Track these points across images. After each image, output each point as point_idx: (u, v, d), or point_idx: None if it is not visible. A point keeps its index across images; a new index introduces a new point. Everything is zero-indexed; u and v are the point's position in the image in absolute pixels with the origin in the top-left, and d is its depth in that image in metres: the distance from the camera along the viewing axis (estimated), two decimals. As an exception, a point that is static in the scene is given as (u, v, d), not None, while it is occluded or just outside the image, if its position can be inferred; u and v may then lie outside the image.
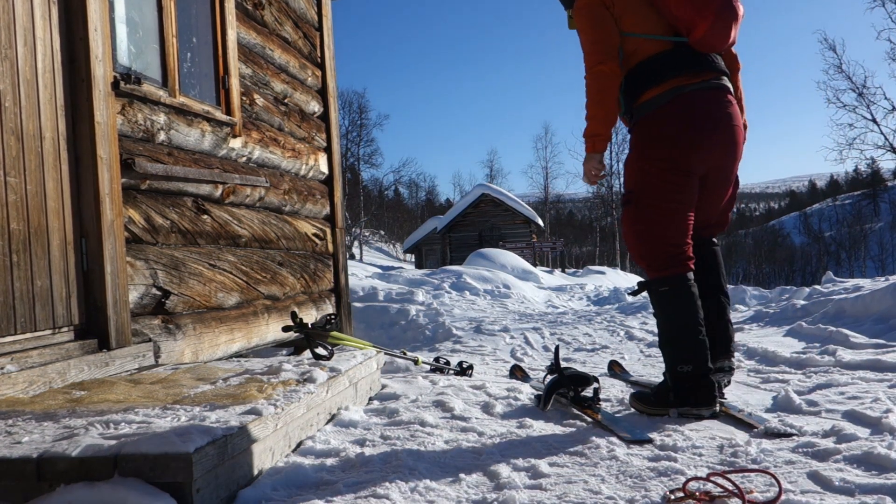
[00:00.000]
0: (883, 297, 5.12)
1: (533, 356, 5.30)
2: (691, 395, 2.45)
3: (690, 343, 2.45)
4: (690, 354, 2.44)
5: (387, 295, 9.19)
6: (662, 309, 2.55)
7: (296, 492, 1.75)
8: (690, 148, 2.47)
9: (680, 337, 2.48)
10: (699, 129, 2.46)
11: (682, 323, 2.47)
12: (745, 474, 1.80)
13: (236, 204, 3.91)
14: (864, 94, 22.70)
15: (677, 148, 2.47)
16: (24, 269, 2.46)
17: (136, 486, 1.47)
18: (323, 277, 5.00)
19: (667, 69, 2.50)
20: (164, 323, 3.13)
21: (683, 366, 2.45)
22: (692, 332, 2.46)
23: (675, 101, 2.47)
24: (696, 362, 2.43)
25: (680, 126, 2.46)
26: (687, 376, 2.44)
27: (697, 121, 2.46)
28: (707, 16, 2.38)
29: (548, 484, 1.78)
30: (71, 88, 2.74)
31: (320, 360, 2.77)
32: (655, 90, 2.50)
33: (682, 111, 2.47)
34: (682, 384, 2.46)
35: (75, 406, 2.00)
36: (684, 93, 2.47)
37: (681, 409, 2.47)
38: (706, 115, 2.47)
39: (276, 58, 4.51)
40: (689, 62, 2.50)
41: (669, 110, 2.48)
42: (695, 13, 2.40)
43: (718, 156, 2.54)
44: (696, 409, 2.45)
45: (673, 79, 2.48)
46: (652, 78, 2.50)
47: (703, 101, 2.48)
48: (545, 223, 43.71)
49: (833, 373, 3.37)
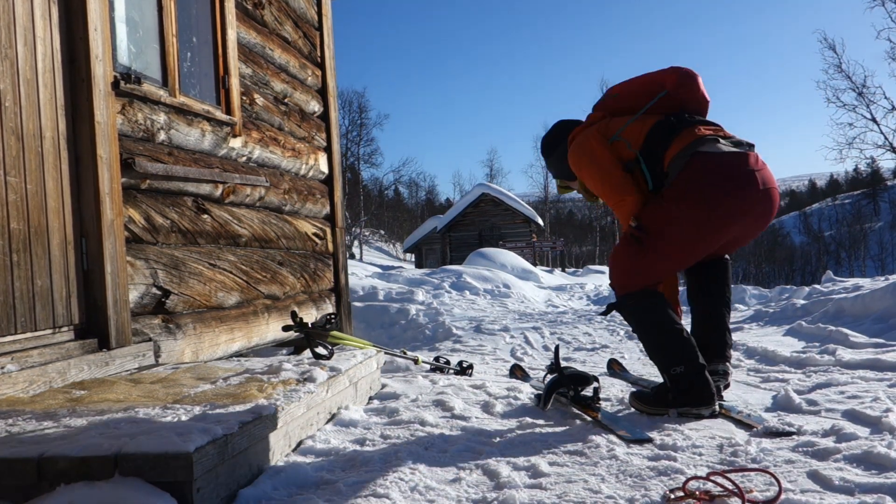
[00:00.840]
0: (883, 296, 5.12)
1: (533, 355, 5.30)
2: (689, 394, 2.46)
3: (676, 344, 2.48)
4: (679, 355, 2.47)
5: (387, 294, 9.19)
6: (639, 321, 2.60)
7: (296, 491, 1.75)
8: (728, 218, 2.46)
9: (664, 341, 2.51)
10: (740, 202, 2.44)
11: (662, 328, 2.51)
12: (745, 474, 1.80)
13: (236, 203, 3.91)
14: (864, 94, 22.70)
15: (715, 215, 2.44)
16: (24, 269, 2.46)
17: (136, 486, 1.47)
18: (323, 277, 5.00)
19: (676, 122, 2.56)
20: (165, 322, 3.13)
21: (675, 368, 2.47)
22: (674, 334, 2.49)
23: (707, 158, 2.45)
24: (687, 361, 2.46)
25: (720, 193, 2.43)
26: (682, 377, 2.46)
27: (740, 188, 2.43)
28: (669, 71, 2.67)
29: (548, 483, 1.78)
30: (71, 88, 2.74)
31: (320, 360, 2.78)
32: (677, 144, 2.51)
33: (720, 175, 2.43)
34: (680, 386, 2.47)
35: (75, 405, 2.01)
36: (715, 153, 2.45)
37: (680, 408, 2.48)
38: (748, 183, 2.44)
39: (276, 57, 4.51)
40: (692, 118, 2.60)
41: (703, 170, 2.44)
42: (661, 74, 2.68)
43: (752, 222, 2.54)
44: (696, 408, 2.46)
45: (689, 126, 2.53)
46: (667, 134, 2.54)
47: (741, 165, 2.46)
48: (545, 223, 43.71)
49: (833, 372, 3.37)
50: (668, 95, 2.64)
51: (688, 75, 2.64)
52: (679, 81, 2.63)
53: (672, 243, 2.51)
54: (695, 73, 2.65)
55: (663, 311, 2.54)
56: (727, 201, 2.43)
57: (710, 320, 2.69)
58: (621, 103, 2.74)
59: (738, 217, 2.48)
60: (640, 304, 2.57)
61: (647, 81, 2.70)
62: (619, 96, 2.75)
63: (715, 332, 2.69)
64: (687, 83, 2.63)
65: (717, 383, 2.65)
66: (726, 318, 2.75)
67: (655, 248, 2.52)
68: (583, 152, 2.69)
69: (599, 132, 2.68)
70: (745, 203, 2.46)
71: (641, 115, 2.65)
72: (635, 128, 2.62)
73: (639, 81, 2.73)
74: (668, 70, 2.68)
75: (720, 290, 2.74)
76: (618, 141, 2.62)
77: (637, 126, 2.62)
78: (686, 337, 2.50)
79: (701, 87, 2.66)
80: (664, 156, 2.53)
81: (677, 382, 2.48)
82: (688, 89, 2.64)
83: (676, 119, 2.59)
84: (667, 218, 2.49)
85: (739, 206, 2.45)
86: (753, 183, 2.45)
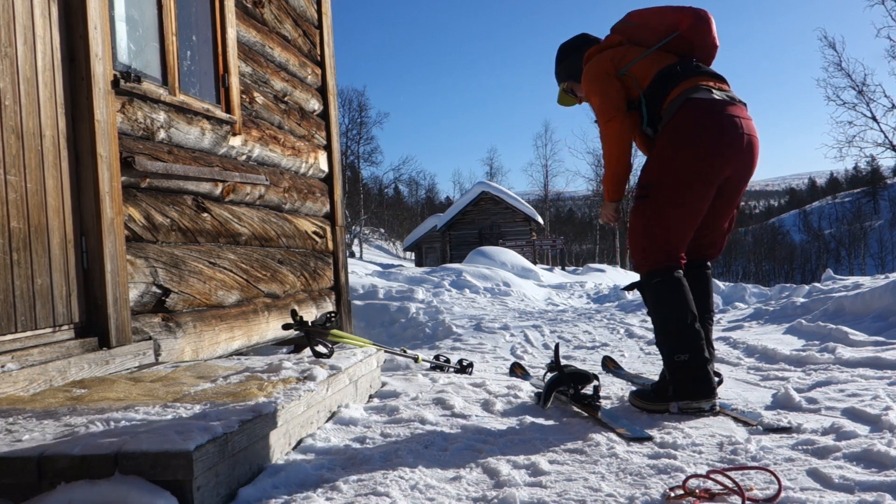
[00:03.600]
0: (882, 294, 5.12)
1: (533, 354, 5.30)
2: (690, 386, 2.47)
3: (686, 332, 2.50)
4: (687, 343, 2.49)
5: (387, 293, 9.19)
6: (657, 301, 2.61)
7: (296, 490, 1.75)
8: (716, 153, 2.52)
9: (676, 327, 2.53)
10: (724, 137, 2.52)
11: (677, 313, 2.53)
12: (745, 472, 1.80)
13: (236, 202, 3.91)
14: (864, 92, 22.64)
15: (703, 150, 2.52)
16: (24, 268, 2.46)
17: (136, 484, 1.47)
18: (323, 275, 5.00)
19: (681, 72, 2.62)
20: (165, 321, 3.13)
21: (680, 355, 2.49)
22: (687, 322, 2.51)
23: (698, 102, 2.54)
24: (693, 351, 2.47)
25: (707, 131, 2.52)
26: (685, 366, 2.48)
27: (724, 128, 2.52)
28: (687, 12, 2.72)
29: (548, 481, 1.78)
30: (71, 86, 2.74)
31: (320, 358, 2.78)
32: (676, 90, 2.58)
33: (707, 115, 2.52)
34: (681, 375, 2.49)
35: (76, 404, 2.01)
36: (706, 98, 2.54)
37: (681, 402, 2.48)
38: (732, 125, 2.53)
39: (276, 56, 4.50)
40: (698, 68, 2.66)
41: (695, 112, 2.53)
42: (678, 13, 2.73)
43: (738, 166, 2.59)
44: (696, 401, 2.47)
45: (692, 76, 2.60)
46: (670, 81, 2.60)
47: (727, 109, 2.54)
48: (545, 221, 43.69)
49: (833, 370, 3.37)
50: (680, 36, 2.70)
51: (703, 19, 2.69)
52: (693, 24, 2.68)
53: (674, 186, 2.55)
54: (709, 17, 2.71)
55: (680, 297, 2.55)
56: (713, 140, 2.51)
57: None
58: (637, 33, 2.79)
59: (725, 158, 2.53)
60: (661, 285, 2.59)
61: (664, 18, 2.74)
62: (636, 25, 2.80)
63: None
64: (701, 27, 2.69)
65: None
66: (710, 331, 2.77)
67: (661, 197, 2.57)
68: (593, 73, 2.74)
69: (613, 60, 2.73)
70: (729, 146, 2.52)
71: (652, 52, 2.71)
72: (644, 66, 2.68)
73: (657, 13, 2.78)
74: (686, 10, 2.73)
75: (703, 304, 2.76)
76: (626, 75, 2.69)
77: (646, 65, 2.68)
78: (697, 328, 2.51)
79: (713, 32, 2.72)
80: (664, 101, 2.61)
81: (680, 372, 2.49)
82: (700, 34, 2.70)
83: (682, 68, 2.65)
84: (664, 162, 2.58)
85: (724, 148, 2.52)
86: (735, 126, 2.53)
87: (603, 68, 2.72)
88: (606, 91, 2.68)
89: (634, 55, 2.71)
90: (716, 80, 2.64)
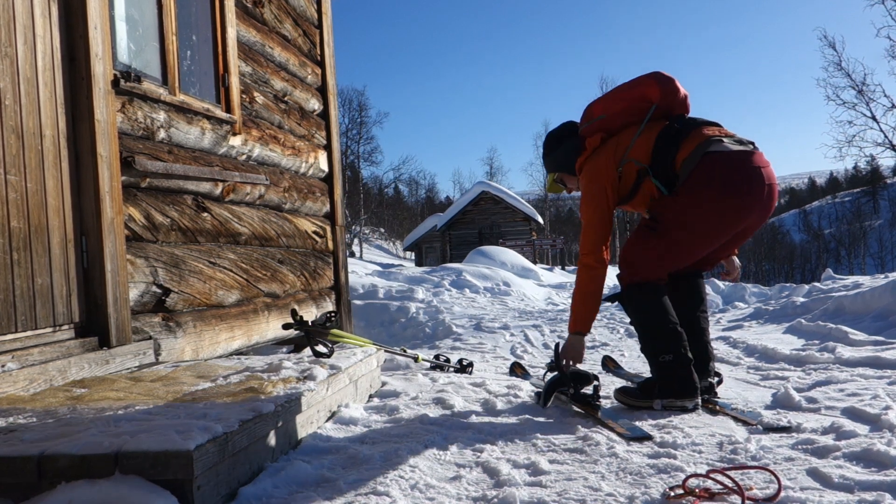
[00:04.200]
0: (882, 294, 5.12)
1: (533, 353, 5.30)
2: (675, 385, 2.54)
3: (668, 334, 2.58)
4: (670, 344, 2.57)
5: (387, 292, 9.19)
6: (638, 308, 2.69)
7: (296, 489, 1.75)
8: (739, 209, 2.54)
9: (658, 330, 2.61)
10: (750, 193, 2.52)
11: (658, 316, 2.61)
12: (745, 471, 1.80)
13: (236, 202, 3.91)
14: (864, 92, 22.58)
15: (725, 208, 2.53)
16: (24, 267, 2.46)
17: (136, 484, 1.47)
18: (323, 275, 5.00)
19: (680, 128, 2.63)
20: (165, 321, 3.13)
21: (665, 355, 2.57)
22: (668, 325, 2.60)
23: (717, 157, 2.53)
24: (676, 351, 2.55)
25: (731, 189, 2.51)
26: (669, 365, 2.55)
27: (749, 183, 2.52)
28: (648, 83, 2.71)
29: (548, 481, 1.78)
30: (71, 86, 2.74)
31: (320, 358, 2.78)
32: (688, 147, 2.58)
33: (731, 171, 2.51)
34: (666, 375, 2.56)
35: (76, 404, 2.01)
36: (724, 151, 2.54)
37: (665, 400, 2.56)
38: (757, 178, 2.53)
39: (276, 55, 4.50)
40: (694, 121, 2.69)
41: (717, 168, 2.52)
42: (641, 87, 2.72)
43: (757, 215, 2.61)
44: (680, 400, 2.54)
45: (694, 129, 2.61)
46: (674, 140, 2.61)
47: (749, 162, 2.54)
48: (545, 221, 43.71)
49: (832, 370, 3.37)
50: (657, 108, 2.71)
51: (669, 82, 2.70)
52: (663, 91, 2.69)
53: (688, 231, 2.58)
54: (672, 77, 2.72)
55: (662, 303, 2.64)
56: (738, 195, 2.51)
57: (689, 334, 2.71)
58: (612, 122, 2.76)
59: (748, 210, 2.55)
60: (642, 293, 2.66)
61: (631, 98, 2.73)
62: (606, 117, 2.76)
63: (695, 346, 2.71)
64: (669, 89, 2.70)
65: (703, 396, 2.68)
66: (706, 331, 2.81)
67: (668, 236, 2.60)
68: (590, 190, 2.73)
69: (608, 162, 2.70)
70: (753, 197, 2.53)
71: (643, 131, 2.69)
72: (641, 144, 2.68)
73: (620, 98, 2.75)
74: (647, 81, 2.72)
75: (697, 303, 2.81)
76: (628, 163, 2.68)
77: (643, 141, 2.68)
78: (679, 331, 2.60)
79: (681, 89, 2.74)
80: (675, 159, 2.60)
81: (664, 371, 2.57)
82: (672, 94, 2.71)
83: (680, 125, 2.66)
84: (682, 209, 2.57)
85: (749, 200, 2.53)
86: (760, 179, 2.54)
87: (601, 186, 2.69)
88: (595, 221, 2.69)
89: (627, 140, 2.69)
90: (717, 128, 2.65)
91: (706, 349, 2.75)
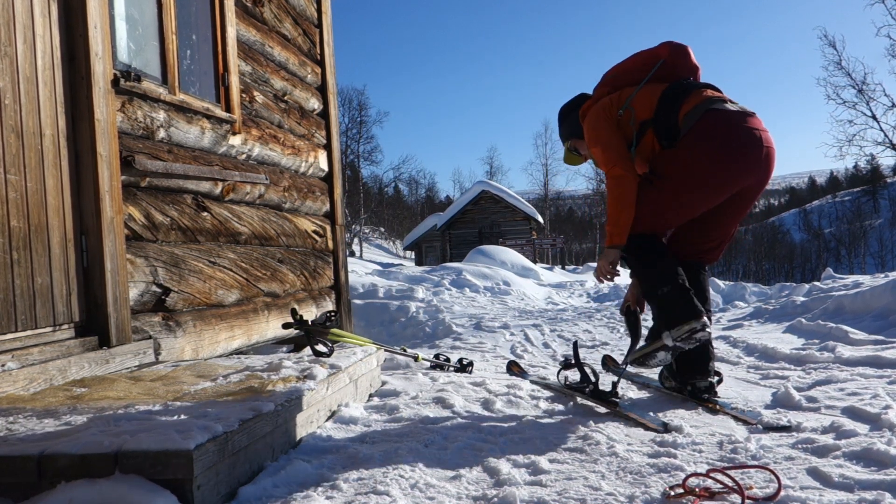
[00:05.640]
0: (882, 293, 5.12)
1: (533, 353, 5.30)
2: (677, 312, 2.53)
3: (665, 270, 2.61)
4: (667, 278, 2.59)
5: (387, 292, 9.20)
6: (637, 256, 2.72)
7: (296, 488, 1.75)
8: (737, 166, 2.56)
9: (652, 270, 2.65)
10: (747, 150, 2.54)
11: (654, 259, 2.66)
12: (745, 470, 1.80)
13: (236, 201, 3.91)
14: (864, 91, 22.57)
15: (723, 163, 2.55)
16: (24, 267, 2.46)
17: (136, 483, 1.47)
18: (323, 274, 5.00)
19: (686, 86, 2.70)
20: (165, 320, 3.13)
21: (663, 288, 2.58)
22: (666, 263, 2.63)
23: (718, 114, 2.57)
24: (673, 282, 2.57)
25: (730, 144, 2.54)
26: (668, 295, 2.57)
27: (746, 141, 2.55)
28: (662, 44, 2.84)
29: (548, 480, 1.78)
30: (71, 86, 2.74)
31: (320, 357, 2.78)
32: (690, 102, 2.63)
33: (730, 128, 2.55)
34: (666, 304, 2.57)
35: (76, 403, 2.01)
36: (725, 109, 2.58)
37: (672, 330, 2.50)
38: (753, 138, 2.55)
39: (276, 55, 4.50)
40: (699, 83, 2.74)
41: (717, 124, 2.56)
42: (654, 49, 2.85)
43: (756, 178, 2.62)
44: (687, 323, 2.48)
45: (698, 89, 2.67)
46: (679, 96, 2.66)
47: (747, 122, 2.57)
48: (545, 220, 43.69)
49: (832, 369, 3.37)
50: (664, 64, 2.78)
51: (680, 46, 2.81)
52: (673, 51, 2.79)
53: (684, 184, 2.61)
54: (685, 45, 2.82)
55: (658, 247, 2.70)
56: (736, 152, 2.54)
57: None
58: (622, 78, 2.85)
59: (745, 170, 2.57)
60: (639, 243, 2.70)
61: (642, 57, 2.84)
62: (617, 75, 2.87)
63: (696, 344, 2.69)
64: (680, 50, 2.80)
65: (704, 395, 2.67)
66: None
67: (667, 189, 2.63)
68: (592, 121, 2.81)
69: (611, 104, 2.78)
70: (750, 156, 2.55)
71: (647, 83, 2.77)
72: (644, 95, 2.73)
73: (633, 59, 2.88)
74: (660, 45, 2.85)
75: (702, 302, 2.78)
76: (627, 110, 2.73)
77: (646, 93, 2.74)
78: (674, 267, 2.63)
79: (692, 55, 2.82)
80: (679, 112, 2.64)
81: (664, 302, 2.57)
82: (681, 55, 2.80)
83: (686, 83, 2.72)
84: (681, 162, 2.61)
85: (745, 159, 2.55)
86: (758, 140, 2.56)
87: (601, 115, 2.78)
88: (608, 140, 2.73)
89: (630, 92, 2.78)
90: (720, 94, 2.69)
91: (706, 349, 2.74)
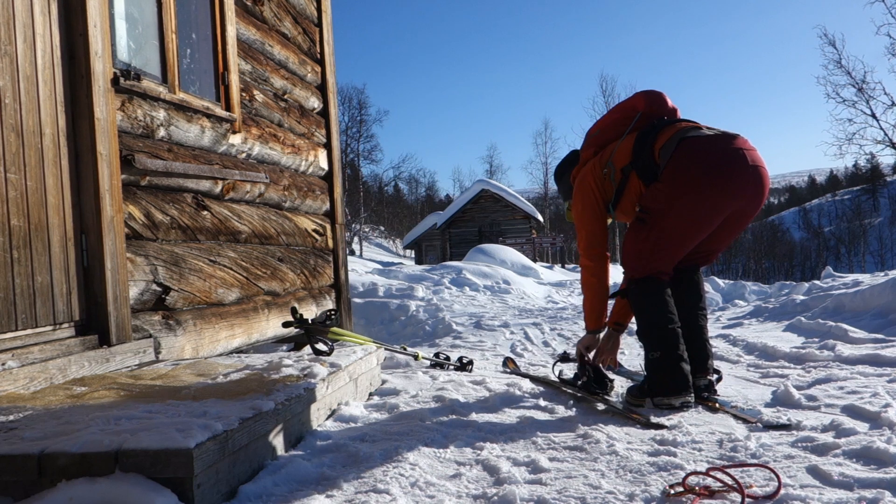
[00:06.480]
0: (882, 292, 5.13)
1: (533, 351, 5.30)
2: (664, 383, 2.55)
3: (661, 332, 2.60)
4: (660, 342, 2.58)
5: (387, 291, 9.20)
6: (637, 305, 2.72)
7: (296, 487, 1.75)
8: (722, 192, 2.53)
9: (652, 328, 2.63)
10: (732, 175, 2.52)
11: (654, 314, 2.63)
12: (745, 469, 1.80)
13: (236, 200, 3.91)
14: (864, 90, 22.59)
15: (708, 191, 2.53)
16: (24, 266, 2.46)
17: (136, 482, 1.47)
18: (323, 273, 5.00)
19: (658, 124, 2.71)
20: (165, 319, 3.13)
21: (654, 353, 2.59)
22: (662, 322, 2.60)
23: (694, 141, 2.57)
24: (665, 349, 2.56)
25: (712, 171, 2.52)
26: (657, 362, 2.57)
27: (730, 166, 2.53)
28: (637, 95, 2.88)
29: (548, 479, 1.78)
30: (70, 84, 2.74)
31: (320, 356, 2.78)
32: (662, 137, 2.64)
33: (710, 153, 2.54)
34: (654, 371, 2.59)
35: (76, 402, 2.01)
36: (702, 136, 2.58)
37: (654, 398, 2.58)
38: (738, 159, 2.53)
39: (276, 54, 4.50)
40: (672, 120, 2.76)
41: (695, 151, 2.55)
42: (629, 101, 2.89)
43: (747, 199, 2.60)
44: (667, 398, 2.54)
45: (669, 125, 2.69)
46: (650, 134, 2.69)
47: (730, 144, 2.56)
48: (545, 219, 43.71)
49: (832, 368, 3.37)
50: (643, 115, 2.80)
51: (654, 93, 2.85)
52: (648, 100, 2.82)
53: (675, 221, 2.60)
54: (660, 92, 2.86)
55: (660, 300, 2.64)
56: (718, 175, 2.52)
57: (687, 332, 2.72)
58: (603, 136, 2.89)
59: (732, 191, 2.54)
60: (640, 289, 2.68)
61: (620, 109, 2.90)
62: (599, 132, 2.91)
63: (694, 343, 2.72)
64: (655, 99, 2.83)
65: (703, 393, 2.68)
66: (705, 329, 2.81)
67: (659, 225, 2.62)
68: (578, 192, 2.88)
69: (594, 166, 2.84)
70: (735, 176, 2.52)
71: (626, 136, 2.80)
72: (623, 146, 2.77)
73: (611, 114, 2.93)
74: (635, 95, 2.89)
75: (696, 301, 2.82)
76: (608, 168, 2.79)
77: (625, 144, 2.78)
78: (671, 328, 2.60)
79: (668, 101, 2.86)
80: (653, 149, 2.64)
81: (654, 369, 2.59)
82: (658, 103, 2.82)
83: (656, 123, 2.74)
84: (666, 196, 2.59)
85: (730, 179, 2.52)
86: (742, 159, 2.53)
87: (588, 183, 2.83)
88: (586, 223, 2.83)
89: (612, 149, 2.82)
90: (695, 124, 2.70)
91: (704, 347, 2.76)
